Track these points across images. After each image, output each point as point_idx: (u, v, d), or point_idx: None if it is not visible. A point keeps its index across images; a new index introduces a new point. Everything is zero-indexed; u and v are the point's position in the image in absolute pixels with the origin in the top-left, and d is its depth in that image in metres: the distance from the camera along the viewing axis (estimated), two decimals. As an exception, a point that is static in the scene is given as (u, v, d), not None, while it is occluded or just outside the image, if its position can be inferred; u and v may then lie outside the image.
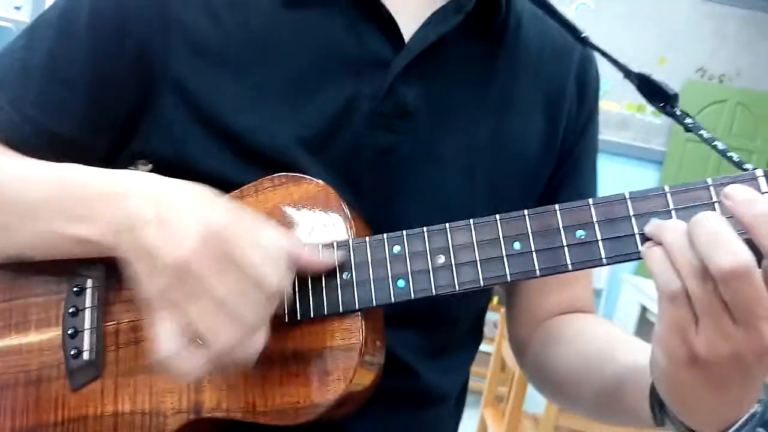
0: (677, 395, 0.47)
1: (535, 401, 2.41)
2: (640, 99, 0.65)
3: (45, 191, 0.55)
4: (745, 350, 0.42)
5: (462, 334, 0.70)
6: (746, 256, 0.41)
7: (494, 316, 3.20)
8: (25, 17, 4.07)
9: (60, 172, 0.56)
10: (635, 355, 0.57)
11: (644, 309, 3.97)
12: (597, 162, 0.77)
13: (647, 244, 0.46)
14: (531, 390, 2.28)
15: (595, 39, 0.69)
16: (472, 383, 3.14)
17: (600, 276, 4.54)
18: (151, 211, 0.48)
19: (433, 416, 0.68)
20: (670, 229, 0.44)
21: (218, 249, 0.45)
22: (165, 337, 0.46)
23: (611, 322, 0.71)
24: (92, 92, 0.60)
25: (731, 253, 0.41)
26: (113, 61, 0.59)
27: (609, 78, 0.73)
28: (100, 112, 0.60)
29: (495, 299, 1.82)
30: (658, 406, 0.51)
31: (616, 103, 5.20)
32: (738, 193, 0.43)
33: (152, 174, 0.54)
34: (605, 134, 5.50)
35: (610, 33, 5.12)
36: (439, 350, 0.66)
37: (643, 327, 3.93)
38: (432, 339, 0.65)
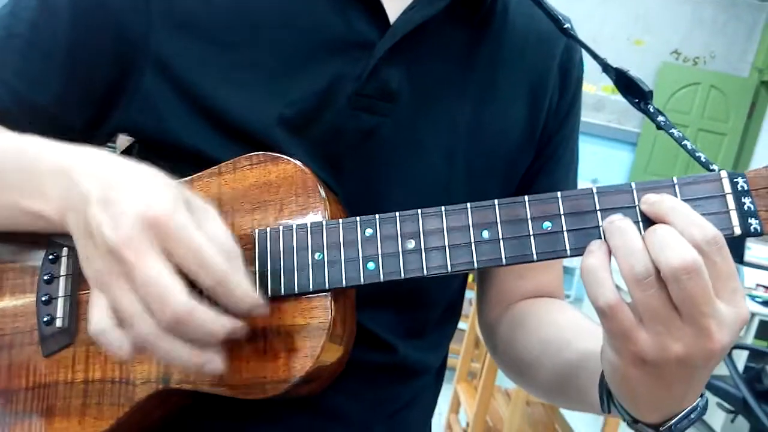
0: (625, 389, 0.49)
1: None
2: (616, 81, 0.65)
3: (3, 164, 0.55)
4: (694, 352, 0.44)
5: (439, 314, 0.70)
6: (695, 253, 0.43)
7: (469, 294, 3.23)
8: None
9: (17, 145, 0.55)
10: (591, 342, 0.58)
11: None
12: (578, 150, 0.77)
13: (595, 246, 0.47)
14: (503, 366, 2.33)
15: (573, 19, 0.69)
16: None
17: (573, 255, 4.60)
18: (96, 190, 0.47)
19: (411, 389, 0.69)
20: (621, 233, 0.46)
21: (153, 237, 0.45)
22: (94, 315, 0.46)
23: (577, 309, 0.72)
24: (71, 65, 0.59)
25: (683, 249, 0.43)
26: (93, 35, 0.59)
27: (586, 60, 0.74)
28: (79, 84, 0.60)
29: (470, 277, 1.84)
30: (606, 394, 0.53)
31: (593, 85, 5.23)
32: (650, 197, 0.46)
33: (105, 152, 0.52)
34: (581, 115, 5.54)
35: (588, 14, 5.13)
36: (416, 329, 0.67)
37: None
38: (409, 319, 0.65)
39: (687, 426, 0.49)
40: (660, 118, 0.60)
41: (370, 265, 0.52)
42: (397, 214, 0.53)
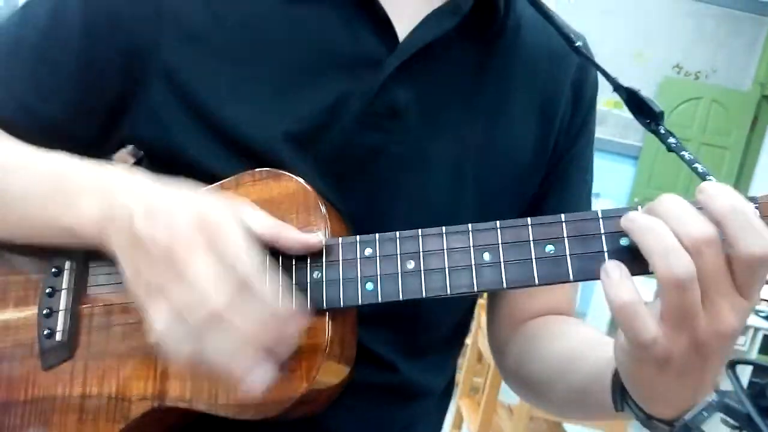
0: (641, 388, 0.48)
1: (510, 392, 2.44)
2: (617, 96, 0.65)
3: (34, 181, 0.56)
4: (707, 338, 0.43)
5: (444, 335, 0.69)
6: (713, 226, 0.42)
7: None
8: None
9: (49, 162, 0.56)
10: (604, 352, 0.57)
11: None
12: (592, 171, 0.74)
13: (630, 216, 0.45)
14: (506, 381, 2.32)
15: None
16: (449, 374, 3.09)
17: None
18: (139, 205, 0.48)
19: (415, 411, 0.67)
20: (652, 233, 0.43)
21: (207, 236, 0.46)
22: (157, 319, 0.46)
23: (587, 324, 0.72)
24: (80, 76, 0.59)
25: (702, 221, 0.42)
26: (104, 46, 0.59)
27: (588, 76, 0.74)
28: (88, 96, 0.60)
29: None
30: (620, 394, 0.52)
31: (595, 99, 5.24)
32: (709, 188, 0.44)
33: (137, 170, 0.54)
34: (583, 129, 5.55)
35: (589, 28, 5.12)
36: (420, 351, 0.65)
37: (616, 324, 3.98)
38: (413, 340, 0.64)
39: (701, 420, 0.48)
40: (671, 140, 0.59)
41: (369, 286, 0.51)
42: (398, 233, 0.52)
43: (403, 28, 0.61)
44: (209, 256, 0.46)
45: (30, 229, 0.56)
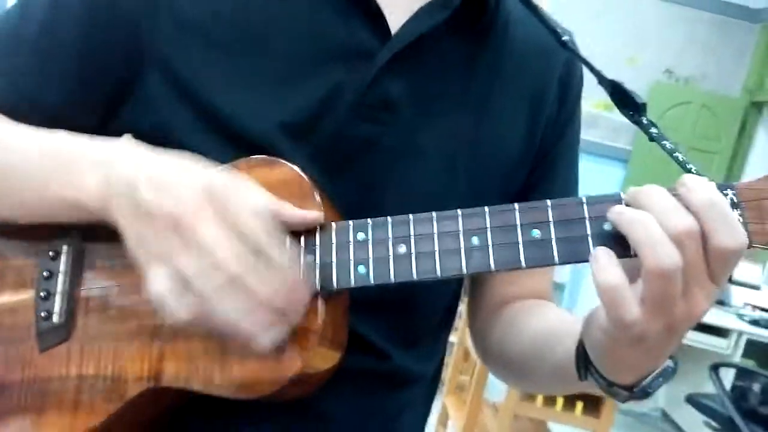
0: (612, 362, 0.50)
1: (496, 390, 2.46)
2: (608, 98, 0.66)
3: (35, 159, 0.57)
4: (680, 321, 0.46)
5: (434, 323, 0.71)
6: (693, 219, 0.45)
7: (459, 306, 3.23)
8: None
9: (49, 140, 0.57)
10: (578, 329, 0.59)
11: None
12: (577, 165, 0.76)
13: (617, 209, 0.47)
14: (492, 379, 2.34)
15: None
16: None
17: (563, 270, 4.61)
18: (142, 174, 0.50)
19: (405, 397, 0.69)
20: (643, 226, 0.45)
21: (216, 206, 0.48)
22: (154, 284, 0.48)
23: (565, 310, 0.74)
24: (81, 65, 0.60)
25: (684, 214, 0.45)
26: (102, 36, 0.59)
27: (578, 77, 0.75)
28: (88, 85, 0.61)
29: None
30: (583, 365, 0.54)
31: (585, 102, 5.26)
32: (689, 181, 0.47)
33: (138, 143, 0.55)
34: (574, 131, 5.56)
35: (581, 31, 5.13)
36: (411, 337, 0.67)
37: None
38: (404, 326, 0.66)
39: (658, 386, 0.51)
40: (653, 130, 0.62)
41: (361, 269, 0.53)
42: (389, 218, 0.53)
43: (395, 21, 0.62)
44: (219, 223, 0.47)
45: (35, 207, 0.57)
